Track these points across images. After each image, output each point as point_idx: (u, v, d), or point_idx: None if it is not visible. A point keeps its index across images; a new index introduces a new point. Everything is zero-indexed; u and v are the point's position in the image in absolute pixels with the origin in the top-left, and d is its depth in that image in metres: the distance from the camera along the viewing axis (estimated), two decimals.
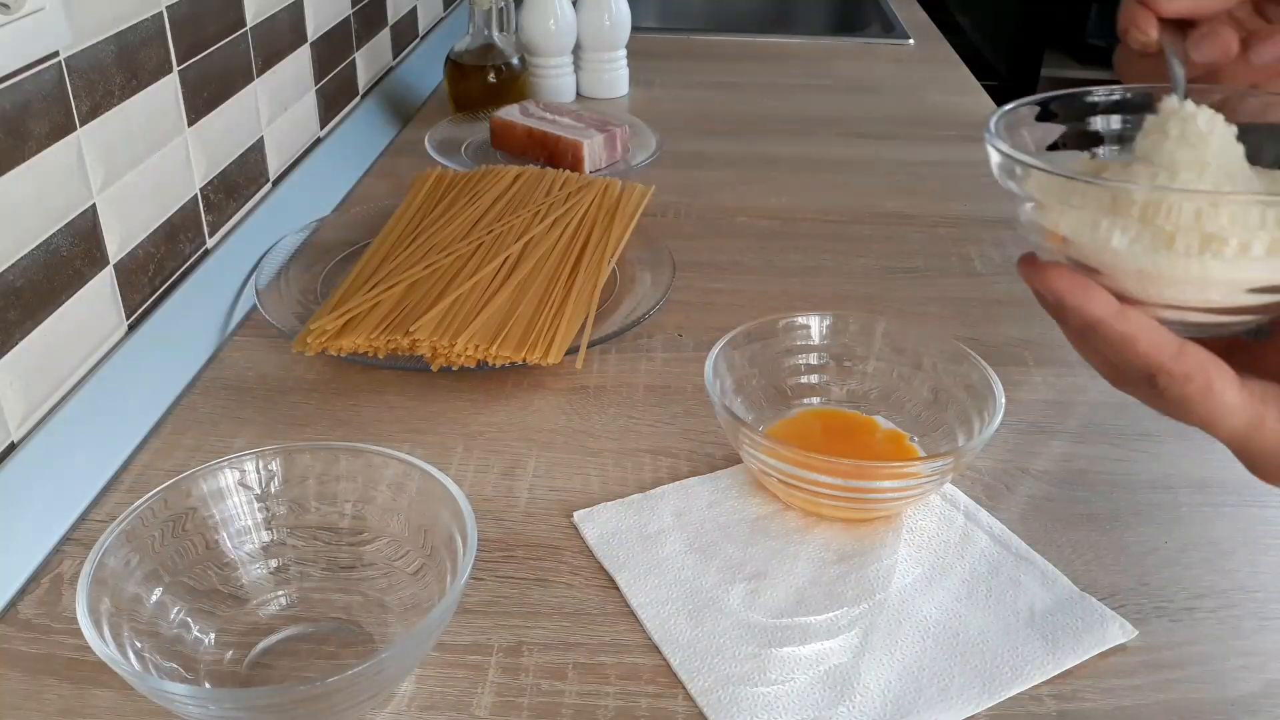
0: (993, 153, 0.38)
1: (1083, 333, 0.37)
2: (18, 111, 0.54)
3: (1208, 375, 0.35)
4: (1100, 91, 0.44)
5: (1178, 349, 0.35)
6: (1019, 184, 0.38)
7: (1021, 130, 0.42)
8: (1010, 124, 0.41)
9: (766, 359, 0.63)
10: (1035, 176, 0.37)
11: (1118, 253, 0.35)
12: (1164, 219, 0.34)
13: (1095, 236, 0.35)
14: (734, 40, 1.51)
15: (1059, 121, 0.44)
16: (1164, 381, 0.35)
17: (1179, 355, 0.35)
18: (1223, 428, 0.36)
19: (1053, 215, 0.37)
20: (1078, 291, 0.35)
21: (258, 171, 0.85)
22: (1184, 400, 0.35)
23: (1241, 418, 0.35)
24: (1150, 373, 0.35)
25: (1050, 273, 0.36)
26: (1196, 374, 0.35)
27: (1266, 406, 0.35)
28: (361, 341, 0.67)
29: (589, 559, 0.54)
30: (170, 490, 0.48)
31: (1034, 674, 0.48)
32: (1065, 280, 0.36)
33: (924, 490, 0.55)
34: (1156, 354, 0.35)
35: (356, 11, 1.06)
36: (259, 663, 0.48)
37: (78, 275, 0.60)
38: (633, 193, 0.88)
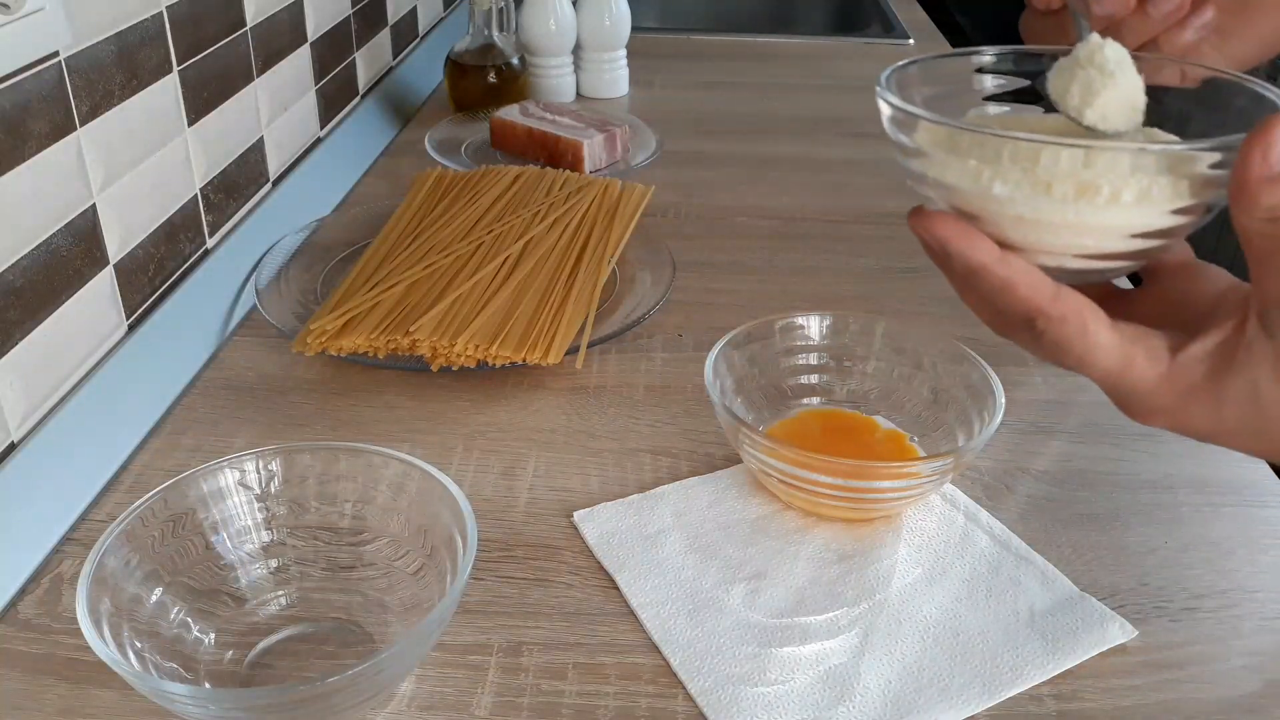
0: (883, 105, 0.40)
1: (966, 278, 0.38)
2: (18, 111, 0.54)
3: (1082, 317, 0.36)
4: (990, 51, 0.45)
5: (1054, 292, 0.36)
6: (908, 135, 0.39)
7: (912, 88, 0.43)
8: (901, 81, 0.42)
9: (766, 359, 0.63)
10: (923, 127, 0.38)
11: (999, 200, 0.36)
12: (1042, 168, 0.35)
13: (977, 184, 0.36)
14: (734, 40, 1.51)
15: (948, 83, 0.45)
16: (1041, 324, 0.37)
17: (1055, 298, 0.36)
18: (1096, 368, 0.37)
19: (938, 165, 0.38)
20: (961, 238, 0.37)
21: (258, 171, 0.85)
22: (1060, 342, 0.37)
23: (1113, 357, 0.37)
24: (1029, 316, 0.37)
25: (935, 220, 0.37)
26: (1072, 316, 0.36)
27: (1136, 347, 0.37)
28: (361, 341, 0.67)
29: (589, 559, 0.54)
30: (170, 490, 0.48)
31: (1034, 674, 0.48)
32: (949, 227, 0.37)
33: (924, 490, 0.55)
34: (1035, 297, 0.36)
35: (356, 11, 1.06)
36: (259, 663, 0.48)
37: (78, 275, 0.60)
38: (633, 193, 0.88)
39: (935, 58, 0.44)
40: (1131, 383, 0.37)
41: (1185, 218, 0.36)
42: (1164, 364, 0.37)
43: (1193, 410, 0.37)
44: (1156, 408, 0.37)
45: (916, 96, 0.43)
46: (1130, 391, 0.37)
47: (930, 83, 0.44)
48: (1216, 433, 0.37)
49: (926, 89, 0.43)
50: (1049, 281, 0.37)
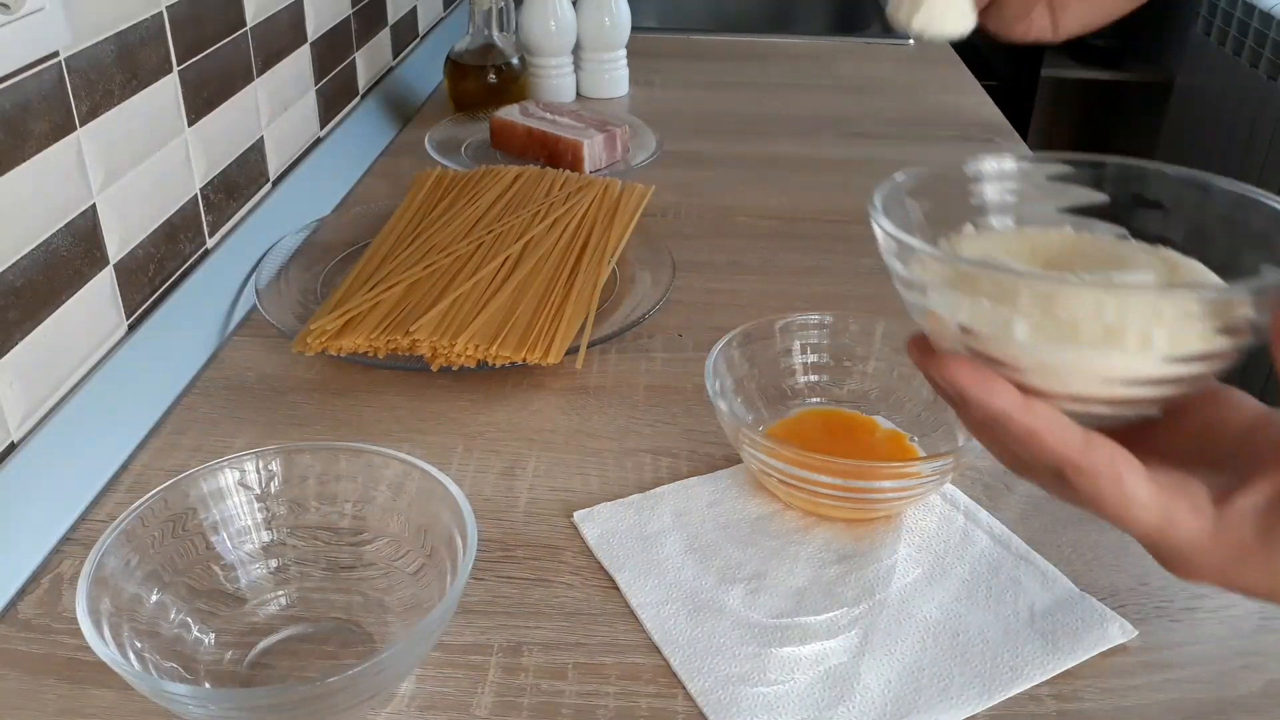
0: (879, 232, 0.37)
1: (985, 424, 0.35)
2: (18, 111, 0.54)
3: (1116, 470, 0.33)
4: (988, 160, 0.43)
5: (1084, 442, 0.34)
6: (909, 268, 0.36)
7: (906, 202, 0.40)
8: (893, 198, 0.39)
9: (766, 359, 0.63)
10: (928, 261, 0.35)
11: (1020, 345, 0.33)
12: (1065, 310, 0.32)
13: (995, 328, 0.34)
14: (734, 40, 1.51)
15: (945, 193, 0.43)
16: (1072, 476, 0.34)
17: (1086, 449, 0.33)
18: (1135, 525, 0.34)
19: (947, 302, 0.35)
20: (980, 385, 0.34)
21: (258, 171, 0.85)
22: (1094, 496, 0.34)
23: (1154, 514, 0.34)
24: (1058, 467, 0.34)
25: (950, 365, 0.34)
26: (1105, 469, 0.33)
27: (1177, 500, 0.34)
28: (361, 341, 0.67)
29: (589, 559, 0.54)
30: (170, 490, 0.48)
31: (1034, 674, 0.48)
32: (966, 373, 0.34)
33: (924, 490, 0.55)
34: (1064, 448, 0.34)
35: (356, 11, 1.06)
36: (259, 663, 0.48)
37: (78, 275, 0.60)
38: (633, 193, 0.88)
39: (927, 172, 0.42)
40: (1175, 541, 0.34)
41: (1221, 362, 0.34)
42: (1209, 519, 0.33)
43: (1246, 570, 0.34)
44: (1204, 566, 0.34)
45: (913, 212, 0.40)
46: (1174, 550, 0.34)
47: (926, 195, 0.41)
48: (1275, 592, 0.34)
49: (924, 202, 0.41)
50: (1077, 430, 0.34)
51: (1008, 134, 1.16)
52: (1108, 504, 0.34)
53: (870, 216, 0.37)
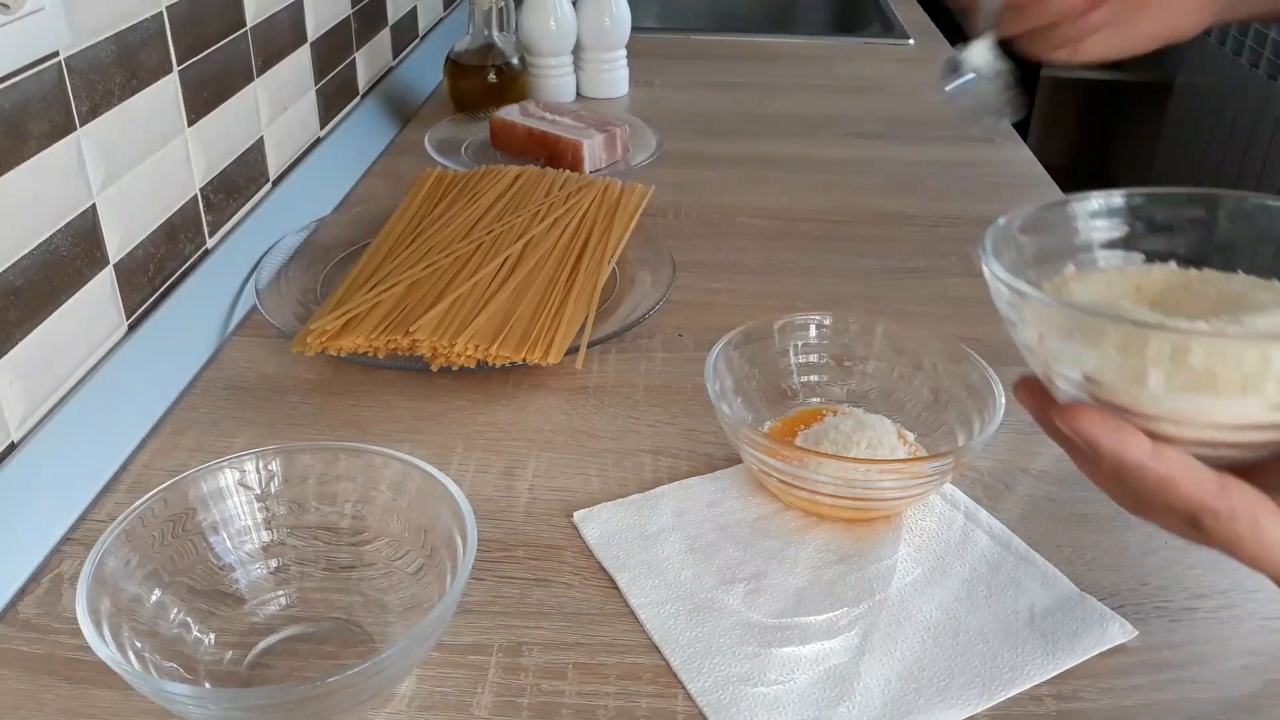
0: (994, 282, 0.36)
1: (1117, 475, 0.35)
2: (18, 111, 0.54)
3: (1254, 513, 0.34)
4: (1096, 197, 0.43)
5: (1219, 487, 0.34)
6: (1022, 315, 0.36)
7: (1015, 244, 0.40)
8: (1003, 240, 0.39)
9: (766, 359, 0.63)
10: (1044, 310, 0.35)
11: (1153, 395, 0.33)
12: (1198, 360, 0.32)
13: (1126, 380, 0.33)
14: (734, 40, 1.51)
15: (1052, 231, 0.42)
16: (1209, 522, 0.34)
17: (1221, 494, 0.34)
18: (1273, 566, 0.35)
19: (1071, 353, 0.35)
20: (1111, 435, 0.34)
21: (258, 171, 0.85)
22: (1231, 540, 0.34)
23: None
24: (1193, 514, 0.34)
25: (1080, 416, 0.34)
26: (1243, 512, 0.34)
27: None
28: (361, 341, 0.67)
29: (589, 559, 0.54)
30: (170, 490, 0.48)
31: (1034, 674, 0.48)
32: (1099, 424, 0.34)
33: (924, 490, 0.55)
34: (1199, 494, 0.34)
35: (356, 11, 1.06)
36: (259, 663, 0.48)
37: (78, 275, 0.60)
38: (633, 193, 0.88)
39: (1035, 210, 0.41)
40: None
41: None
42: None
43: None
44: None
45: (1024, 251, 0.40)
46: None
47: (1034, 232, 0.41)
48: None
49: (1032, 240, 0.40)
50: (1211, 475, 0.34)
51: (1007, 133, 1.16)
52: (1245, 547, 0.34)
53: (983, 261, 0.36)
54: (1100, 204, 0.43)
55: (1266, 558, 0.34)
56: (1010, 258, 0.39)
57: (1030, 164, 1.08)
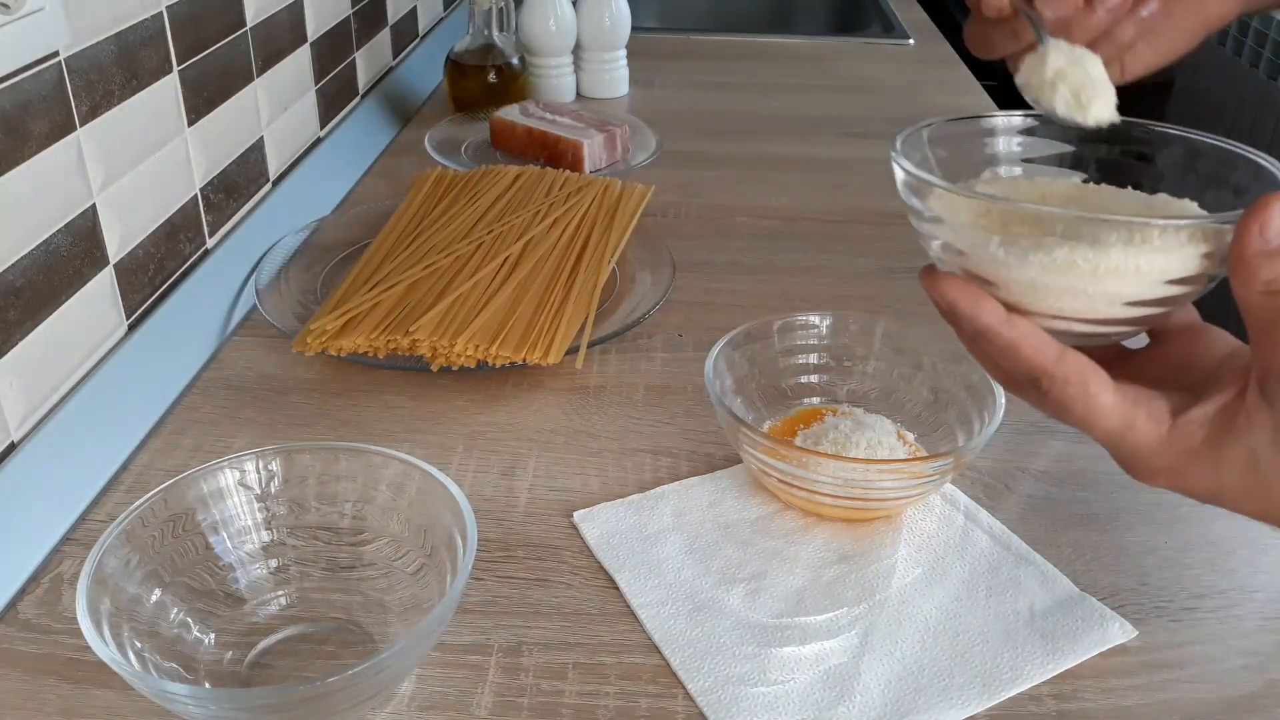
0: (898, 170, 0.41)
1: (974, 339, 0.40)
2: (18, 111, 0.54)
3: (1085, 379, 0.38)
4: (1002, 115, 0.47)
5: (1058, 354, 0.38)
6: (922, 200, 0.40)
7: (925, 148, 0.44)
8: (914, 144, 0.43)
9: (766, 359, 0.63)
10: (935, 193, 0.39)
11: (1005, 264, 0.37)
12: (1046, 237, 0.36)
13: (986, 250, 0.38)
14: (734, 40, 1.51)
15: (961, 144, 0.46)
16: (1046, 384, 0.38)
17: (1059, 360, 0.38)
18: (1098, 428, 0.38)
19: (949, 230, 0.39)
20: (969, 300, 0.38)
21: (258, 171, 0.85)
22: (1064, 402, 0.38)
23: (1115, 419, 0.38)
24: (1034, 376, 0.38)
25: (944, 283, 0.39)
26: (1075, 378, 0.38)
27: (1138, 409, 0.38)
28: (361, 341, 0.67)
29: (589, 559, 0.54)
30: (170, 490, 0.48)
31: (1034, 674, 0.48)
32: (958, 290, 0.39)
33: (924, 490, 0.55)
34: (1039, 359, 0.38)
35: (356, 11, 1.06)
36: (259, 663, 0.48)
37: (78, 275, 0.60)
38: (633, 193, 0.88)
39: (948, 121, 0.46)
40: (1133, 444, 0.38)
41: (1186, 288, 0.37)
42: (1165, 426, 0.38)
43: (1192, 472, 0.38)
44: (1156, 468, 0.39)
45: (931, 158, 0.44)
46: (1131, 452, 0.39)
47: (944, 144, 0.45)
48: (1216, 495, 0.38)
49: (940, 150, 0.44)
50: (1054, 344, 0.38)
51: None
52: (1075, 408, 0.38)
53: (891, 157, 0.41)
54: (1005, 121, 0.47)
55: (1093, 420, 0.38)
56: (918, 159, 0.43)
57: None
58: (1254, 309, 0.35)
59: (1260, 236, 0.34)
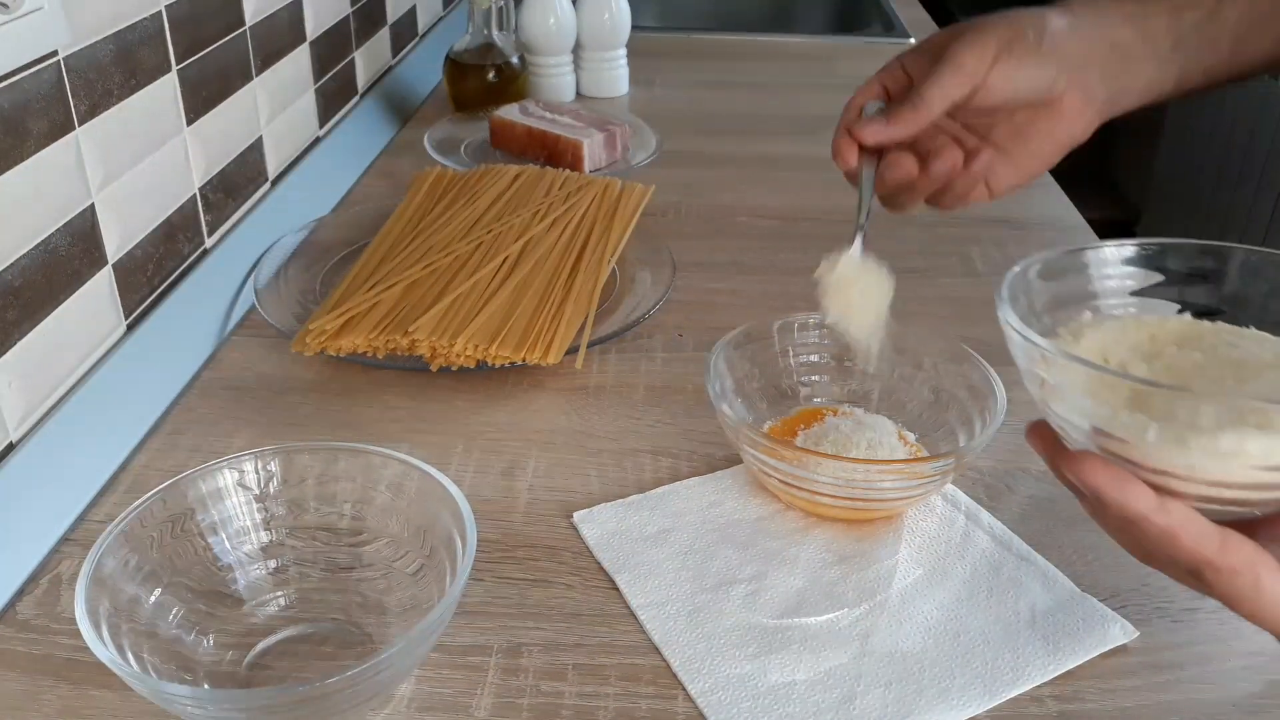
0: (1013, 334, 0.37)
1: (1121, 526, 0.37)
2: (17, 111, 0.54)
3: (1255, 570, 0.35)
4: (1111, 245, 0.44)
5: (1221, 542, 0.35)
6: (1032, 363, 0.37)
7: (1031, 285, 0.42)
8: (1020, 288, 0.40)
9: (766, 359, 0.63)
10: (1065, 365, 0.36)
11: (1159, 451, 0.34)
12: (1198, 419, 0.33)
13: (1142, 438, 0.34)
14: (734, 40, 1.51)
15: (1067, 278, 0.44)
16: (1210, 576, 0.35)
17: (1223, 549, 0.35)
18: (1273, 621, 0.36)
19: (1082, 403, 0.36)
20: (1116, 487, 0.35)
21: (256, 171, 0.84)
22: (1231, 594, 0.35)
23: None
24: (1196, 568, 0.35)
25: (1085, 466, 0.35)
26: (1244, 569, 0.35)
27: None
28: (361, 341, 0.67)
29: (589, 560, 0.54)
30: (169, 491, 0.48)
31: (1035, 674, 0.47)
32: (1101, 474, 0.35)
33: (925, 490, 0.55)
34: (1201, 549, 0.35)
35: (356, 11, 1.06)
36: (258, 664, 0.48)
37: (76, 275, 0.60)
38: (633, 192, 0.88)
39: (1053, 256, 0.43)
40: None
41: None
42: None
43: None
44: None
45: (1038, 300, 0.41)
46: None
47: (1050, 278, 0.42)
48: None
49: (1047, 287, 0.42)
50: (1213, 529, 0.35)
51: None
52: (1245, 602, 0.35)
53: (1000, 317, 0.38)
54: (1114, 252, 0.44)
55: (1267, 614, 0.35)
56: (1024, 305, 0.40)
57: None
58: None
59: None
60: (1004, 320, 0.38)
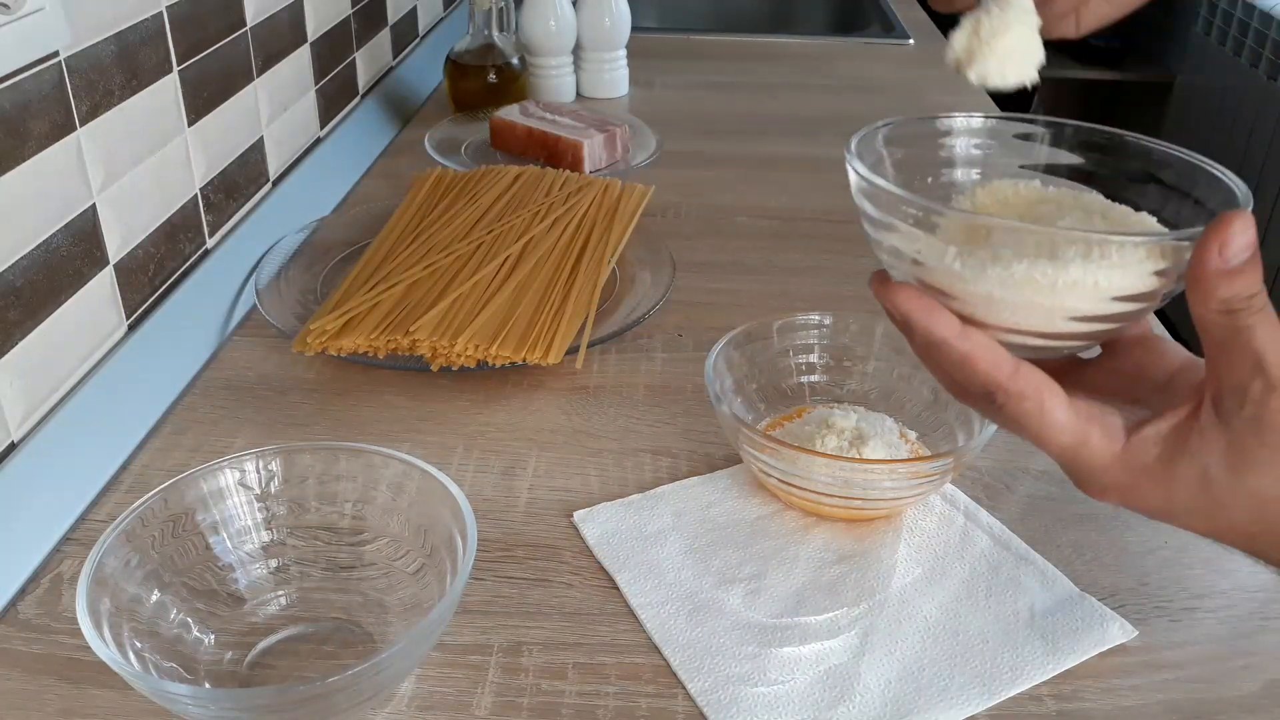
0: (852, 175, 0.39)
1: (927, 350, 0.39)
2: (18, 111, 0.54)
3: (1040, 394, 0.37)
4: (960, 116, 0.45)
5: (1013, 369, 0.37)
6: (875, 206, 0.39)
7: (881, 149, 0.43)
8: (867, 143, 0.42)
9: (766, 359, 0.63)
10: (889, 198, 0.38)
11: (960, 276, 0.37)
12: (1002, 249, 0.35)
13: (942, 262, 0.37)
14: (734, 40, 1.51)
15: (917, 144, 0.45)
16: (1000, 398, 0.37)
17: (1014, 375, 0.37)
18: (1052, 444, 0.38)
19: (903, 238, 0.38)
20: (923, 312, 0.38)
21: (258, 171, 0.85)
22: (1019, 417, 0.38)
23: (1068, 435, 0.37)
24: (988, 390, 0.38)
25: (899, 293, 0.38)
26: (1030, 393, 0.37)
27: (1092, 425, 0.37)
28: (361, 341, 0.67)
29: (589, 559, 0.54)
30: (170, 490, 0.48)
31: (1034, 674, 0.48)
32: (912, 301, 0.38)
33: (924, 490, 0.55)
34: (994, 373, 0.37)
35: (356, 11, 1.06)
36: (259, 663, 0.48)
37: (78, 275, 0.60)
38: (633, 193, 0.88)
39: (907, 120, 0.44)
40: (1086, 461, 0.38)
41: (1143, 304, 0.37)
42: (1119, 444, 0.37)
43: (1144, 490, 0.38)
44: (1108, 485, 0.38)
45: (887, 159, 0.43)
46: (1085, 469, 0.38)
47: (901, 145, 0.44)
48: (1167, 513, 0.38)
49: (897, 151, 0.43)
50: (1008, 357, 0.37)
51: None
52: (1029, 425, 0.38)
53: (846, 159, 0.39)
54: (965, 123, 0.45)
55: (1046, 436, 0.38)
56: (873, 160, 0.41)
57: None
58: (1210, 328, 0.35)
59: (1219, 256, 0.33)
60: (850, 166, 0.39)
